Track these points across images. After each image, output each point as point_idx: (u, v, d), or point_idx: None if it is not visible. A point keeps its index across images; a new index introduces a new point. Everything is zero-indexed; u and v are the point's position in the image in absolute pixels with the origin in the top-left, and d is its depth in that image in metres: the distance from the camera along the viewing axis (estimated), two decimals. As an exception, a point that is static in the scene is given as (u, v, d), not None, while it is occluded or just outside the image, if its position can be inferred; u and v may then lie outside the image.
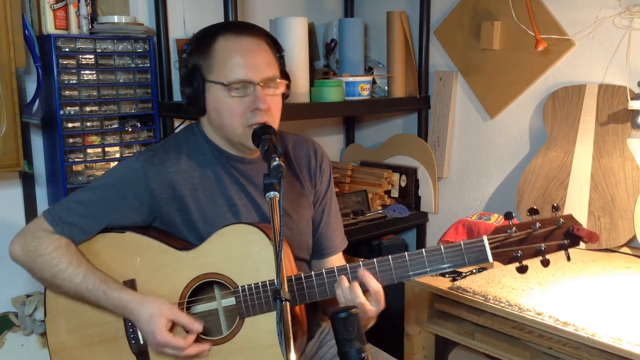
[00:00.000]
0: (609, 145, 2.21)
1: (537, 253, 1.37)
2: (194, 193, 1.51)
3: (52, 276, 1.45)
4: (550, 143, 2.35)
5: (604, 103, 2.23)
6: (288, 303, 1.10)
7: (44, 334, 2.18)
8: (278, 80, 1.50)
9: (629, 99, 2.15)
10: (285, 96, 1.57)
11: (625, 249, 2.19)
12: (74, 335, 1.51)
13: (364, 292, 1.37)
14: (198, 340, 1.43)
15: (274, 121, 1.50)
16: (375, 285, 1.36)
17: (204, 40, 1.50)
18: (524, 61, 2.45)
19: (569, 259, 1.39)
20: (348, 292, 1.36)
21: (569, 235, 1.37)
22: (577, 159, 2.27)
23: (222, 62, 1.46)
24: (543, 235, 1.37)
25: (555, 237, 1.37)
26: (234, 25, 1.55)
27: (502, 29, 2.49)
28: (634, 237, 2.15)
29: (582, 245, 1.39)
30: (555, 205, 1.38)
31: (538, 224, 1.37)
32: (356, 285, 1.36)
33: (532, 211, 1.38)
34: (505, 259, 1.38)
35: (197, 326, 1.41)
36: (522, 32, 2.36)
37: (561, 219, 1.37)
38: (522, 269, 1.38)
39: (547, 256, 1.38)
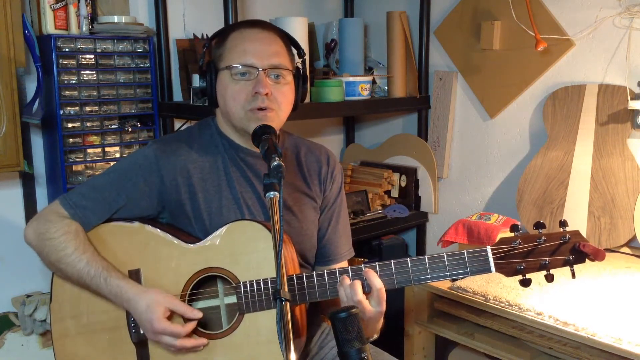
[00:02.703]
0: (609, 145, 2.21)
1: (541, 267, 1.36)
2: (203, 183, 1.53)
3: (58, 260, 1.47)
4: (550, 143, 2.35)
5: (604, 103, 2.23)
6: (288, 303, 1.10)
7: (44, 334, 2.18)
8: (285, 70, 1.52)
9: (629, 99, 2.15)
10: (302, 95, 1.60)
11: (625, 249, 2.19)
12: (77, 322, 1.52)
13: (365, 294, 1.37)
14: (197, 333, 1.44)
15: (278, 109, 1.51)
16: (377, 283, 1.36)
17: (220, 35, 1.57)
18: (524, 61, 2.45)
19: (573, 276, 1.37)
20: (349, 290, 1.36)
21: (574, 251, 1.36)
22: (577, 159, 2.27)
23: (230, 49, 1.51)
24: (548, 249, 1.36)
25: (561, 252, 1.36)
26: (249, 21, 1.59)
27: (502, 29, 2.49)
28: (634, 237, 2.15)
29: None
30: (562, 220, 1.37)
31: (544, 238, 1.36)
32: (357, 284, 1.36)
33: (539, 225, 1.36)
34: (509, 271, 1.37)
35: (196, 314, 1.41)
36: (522, 32, 2.36)
37: (567, 235, 1.36)
38: (525, 282, 1.37)
39: (552, 271, 1.37)
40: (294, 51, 1.61)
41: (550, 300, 1.78)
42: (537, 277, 1.93)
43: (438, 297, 2.04)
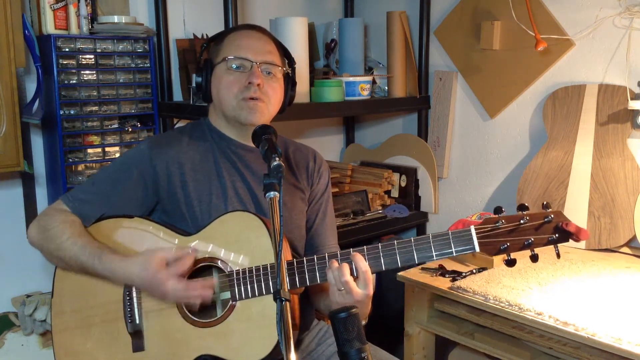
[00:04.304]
0: (609, 145, 2.21)
1: (525, 246, 1.37)
2: (194, 173, 1.59)
3: (56, 247, 1.51)
4: (550, 143, 2.35)
5: (604, 103, 2.23)
6: (288, 303, 1.10)
7: (44, 334, 2.18)
8: (276, 67, 1.60)
9: (629, 99, 2.15)
10: (290, 99, 1.68)
11: (625, 249, 2.19)
12: (76, 316, 1.55)
13: (354, 278, 1.39)
14: (191, 322, 1.47)
15: (268, 102, 1.58)
16: (363, 266, 1.38)
17: (218, 37, 1.66)
18: (524, 61, 2.45)
19: (558, 256, 1.39)
20: (337, 273, 1.37)
21: (558, 230, 1.38)
22: (577, 159, 2.27)
23: (227, 45, 1.60)
24: (531, 228, 1.38)
25: (544, 231, 1.38)
26: (246, 25, 1.70)
27: (502, 29, 2.49)
28: (634, 237, 2.15)
29: (581, 244, 1.39)
30: (545, 202, 1.39)
31: (527, 217, 1.38)
32: (345, 266, 1.38)
33: (522, 207, 1.39)
34: (492, 250, 1.38)
35: (189, 250, 1.45)
36: (522, 32, 2.36)
37: (551, 215, 1.38)
38: (511, 262, 1.39)
39: (536, 250, 1.38)
40: (286, 61, 1.69)
41: (550, 300, 1.78)
42: (537, 275, 1.93)
43: (438, 297, 2.03)
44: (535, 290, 1.86)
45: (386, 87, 2.79)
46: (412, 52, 2.74)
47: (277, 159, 1.31)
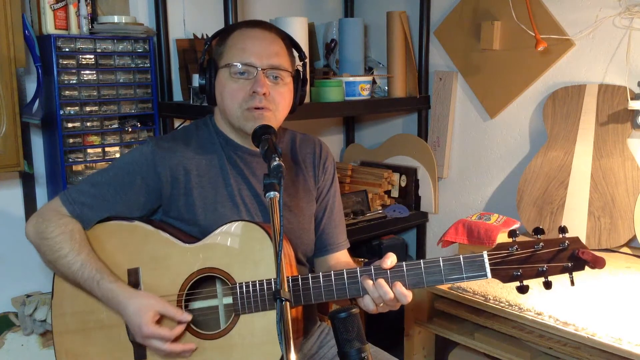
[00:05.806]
0: (609, 145, 2.21)
1: (539, 274, 1.34)
2: (199, 179, 1.54)
3: (54, 260, 1.48)
4: (550, 143, 2.35)
5: (604, 103, 2.23)
6: (288, 303, 1.10)
7: (44, 334, 2.18)
8: (284, 71, 1.52)
9: (629, 99, 2.15)
10: (301, 98, 1.61)
11: (625, 249, 2.19)
12: (77, 319, 1.53)
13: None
14: (193, 333, 1.45)
15: (275, 110, 1.52)
16: (407, 293, 1.39)
17: (221, 34, 1.58)
18: (524, 61, 2.45)
19: (572, 283, 1.35)
20: (383, 291, 1.37)
21: (573, 258, 1.34)
22: (577, 159, 2.27)
23: (231, 47, 1.52)
24: (546, 256, 1.34)
25: (559, 259, 1.34)
26: (251, 21, 1.60)
27: (502, 29, 2.49)
28: (634, 237, 2.15)
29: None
30: (562, 226, 1.34)
31: (542, 244, 1.34)
32: (385, 284, 1.37)
33: (537, 231, 1.34)
34: (505, 277, 1.35)
35: (186, 316, 1.41)
36: (522, 32, 2.36)
37: (566, 241, 1.33)
38: (523, 289, 1.36)
39: (550, 278, 1.35)
40: (295, 54, 1.62)
41: (550, 300, 1.78)
42: (536, 281, 1.94)
43: (438, 297, 2.03)
44: (536, 290, 1.86)
45: (386, 87, 2.79)
46: (412, 52, 2.74)
47: (277, 159, 1.29)
